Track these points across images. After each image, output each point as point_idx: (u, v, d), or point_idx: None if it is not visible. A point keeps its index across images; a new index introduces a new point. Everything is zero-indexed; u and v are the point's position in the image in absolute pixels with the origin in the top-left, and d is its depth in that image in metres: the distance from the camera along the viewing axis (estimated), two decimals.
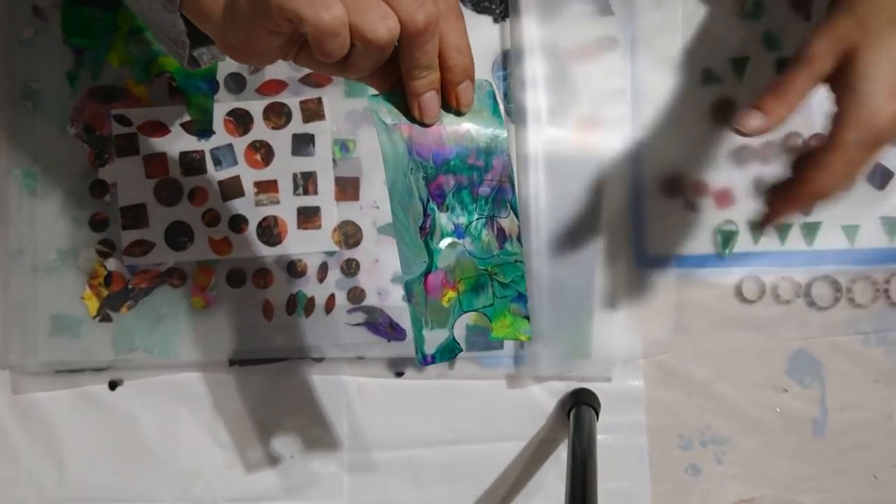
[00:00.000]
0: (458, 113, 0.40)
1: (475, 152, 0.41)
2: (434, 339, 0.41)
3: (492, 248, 0.41)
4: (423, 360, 0.41)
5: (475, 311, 0.41)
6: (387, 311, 0.67)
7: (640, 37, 0.66)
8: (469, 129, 0.41)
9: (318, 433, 0.69)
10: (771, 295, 0.68)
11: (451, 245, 0.41)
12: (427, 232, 0.40)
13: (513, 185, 0.41)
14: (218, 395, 0.69)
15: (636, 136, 0.66)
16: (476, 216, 0.41)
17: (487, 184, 0.41)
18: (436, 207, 0.40)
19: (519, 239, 0.42)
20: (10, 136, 0.66)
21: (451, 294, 0.41)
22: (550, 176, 0.66)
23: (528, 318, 0.42)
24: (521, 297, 0.42)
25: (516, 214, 0.41)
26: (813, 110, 0.67)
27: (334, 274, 0.67)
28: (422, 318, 0.40)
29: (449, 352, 0.41)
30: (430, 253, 0.40)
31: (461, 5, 0.65)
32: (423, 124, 0.40)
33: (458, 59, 0.39)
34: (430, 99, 0.39)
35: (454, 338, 0.41)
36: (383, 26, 0.36)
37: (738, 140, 0.67)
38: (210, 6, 0.40)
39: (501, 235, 0.41)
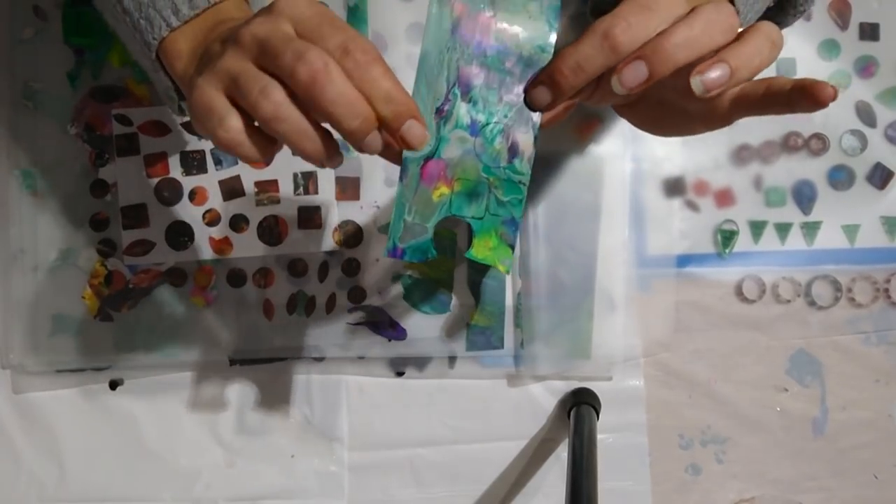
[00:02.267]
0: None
1: (516, 57, 0.38)
2: (411, 233, 0.38)
3: (500, 159, 0.39)
4: (393, 251, 0.38)
5: (462, 217, 0.39)
6: (387, 310, 0.67)
7: None
8: (518, 33, 0.39)
9: (318, 433, 0.69)
10: (771, 295, 0.68)
11: (461, 139, 0.39)
12: (443, 115, 0.39)
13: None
14: (218, 395, 0.69)
15: (636, 135, 0.66)
16: (495, 120, 0.39)
17: (516, 94, 0.39)
18: (459, 94, 0.39)
19: (530, 162, 0.39)
20: (11, 136, 0.66)
21: (445, 190, 0.39)
22: (550, 175, 0.66)
23: (512, 247, 0.39)
24: (513, 223, 0.39)
25: (535, 135, 0.39)
26: None
27: (335, 273, 0.67)
28: (406, 204, 0.38)
29: (422, 252, 0.38)
30: (439, 139, 0.38)
31: None
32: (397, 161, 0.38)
33: (388, 110, 0.36)
34: (373, 140, 0.36)
35: (432, 240, 0.38)
36: (266, 102, 0.35)
37: (739, 140, 0.67)
38: (182, 84, 0.41)
39: (514, 150, 0.39)
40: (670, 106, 0.42)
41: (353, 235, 0.66)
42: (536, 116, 0.39)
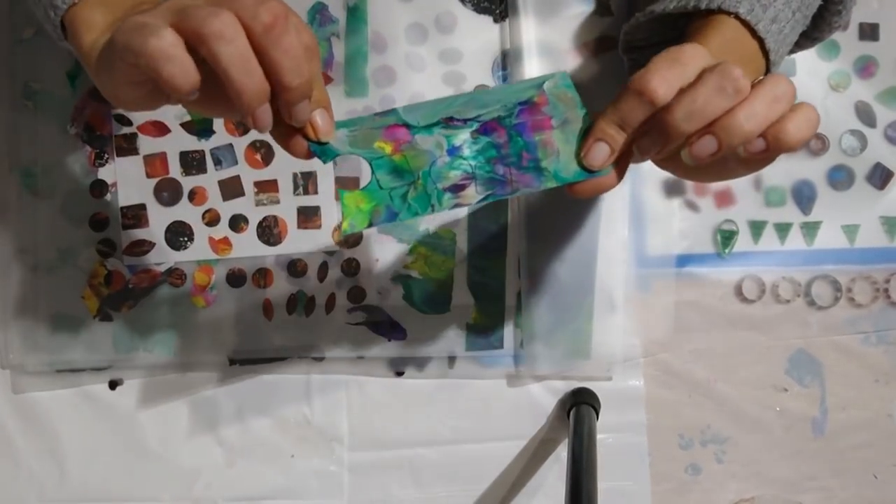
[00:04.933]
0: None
1: (529, 158, 0.42)
2: (337, 143, 0.43)
3: (442, 180, 0.42)
4: (314, 146, 0.42)
5: (373, 171, 0.42)
6: (387, 310, 0.67)
7: None
8: (557, 150, 0.42)
9: (318, 433, 0.69)
10: (771, 294, 0.68)
11: (438, 145, 0.42)
12: (450, 124, 0.42)
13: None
14: (218, 395, 0.69)
15: None
16: (473, 164, 0.42)
17: (501, 172, 0.42)
18: (474, 128, 0.42)
19: (449, 208, 0.42)
20: (11, 136, 0.66)
21: (387, 149, 0.43)
22: None
23: (371, 224, 0.41)
24: (392, 215, 0.41)
25: (481, 203, 0.41)
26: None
27: (334, 273, 0.67)
28: (356, 125, 0.44)
29: (323, 155, 0.42)
30: (430, 127, 0.42)
31: (462, 6, 0.65)
32: (318, 142, 0.41)
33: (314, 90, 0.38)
34: (304, 108, 0.39)
35: (336, 154, 0.43)
36: (215, 20, 0.33)
37: None
38: (87, 55, 0.39)
39: (455, 189, 0.42)
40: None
41: (352, 235, 0.66)
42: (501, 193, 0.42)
